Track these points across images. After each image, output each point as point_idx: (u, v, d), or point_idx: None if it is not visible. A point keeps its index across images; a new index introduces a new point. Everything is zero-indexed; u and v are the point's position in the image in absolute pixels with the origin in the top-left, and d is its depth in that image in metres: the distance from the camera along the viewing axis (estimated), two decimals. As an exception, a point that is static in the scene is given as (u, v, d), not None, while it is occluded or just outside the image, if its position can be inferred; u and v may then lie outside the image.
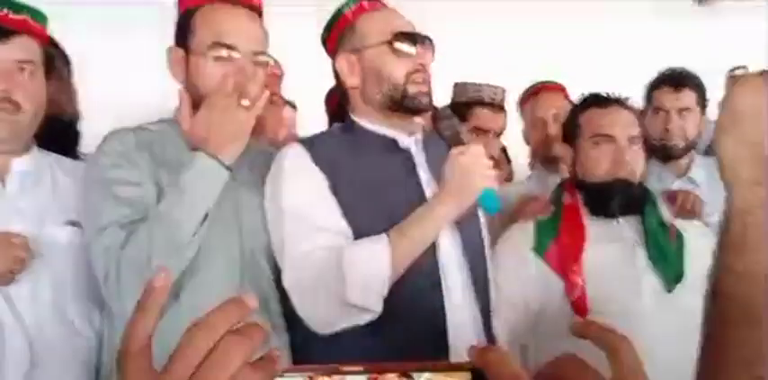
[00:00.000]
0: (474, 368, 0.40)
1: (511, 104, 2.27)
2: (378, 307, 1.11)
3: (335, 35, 1.32)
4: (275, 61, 1.51)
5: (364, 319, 1.12)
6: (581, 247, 1.46)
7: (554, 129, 2.06)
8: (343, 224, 1.18)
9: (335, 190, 1.21)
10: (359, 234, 1.17)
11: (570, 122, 1.58)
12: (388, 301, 1.13)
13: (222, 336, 0.37)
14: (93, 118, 1.68)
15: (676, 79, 1.95)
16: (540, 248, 1.46)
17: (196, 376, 0.36)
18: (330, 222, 1.18)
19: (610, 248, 1.46)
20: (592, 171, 1.49)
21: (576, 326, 0.44)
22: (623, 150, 1.45)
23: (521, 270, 1.47)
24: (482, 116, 2.01)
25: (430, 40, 1.29)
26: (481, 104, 2.02)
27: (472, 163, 1.13)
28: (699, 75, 2.01)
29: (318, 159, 1.22)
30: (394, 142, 1.27)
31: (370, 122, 1.29)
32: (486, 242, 1.39)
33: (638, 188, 1.48)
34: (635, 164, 1.46)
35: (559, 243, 1.47)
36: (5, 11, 1.22)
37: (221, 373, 0.36)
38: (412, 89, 1.23)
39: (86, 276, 1.21)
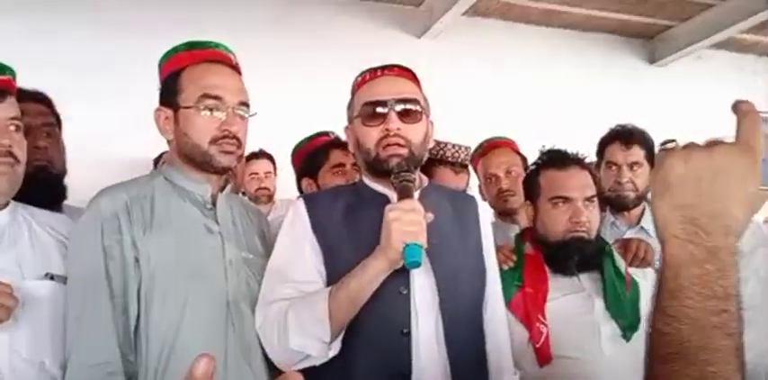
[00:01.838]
0: None
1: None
2: (317, 352, 1.19)
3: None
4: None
5: (313, 361, 1.21)
6: (545, 297, 1.53)
7: (506, 183, 2.19)
8: (314, 277, 1.29)
9: (324, 245, 1.31)
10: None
11: (530, 180, 1.67)
12: (357, 343, 1.22)
13: None
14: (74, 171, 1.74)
15: (626, 136, 2.09)
16: (504, 299, 1.50)
17: None
18: (303, 276, 1.29)
19: (570, 298, 1.54)
20: (552, 230, 1.58)
21: None
22: (580, 211, 1.54)
23: None
24: (442, 175, 2.06)
25: (409, 103, 1.31)
26: (443, 162, 2.08)
27: (396, 218, 1.14)
28: (648, 130, 2.17)
29: (314, 215, 1.34)
30: (386, 198, 1.33)
31: (371, 180, 1.39)
32: (491, 297, 1.40)
33: (594, 244, 1.57)
34: (591, 222, 1.56)
35: (524, 293, 1.55)
36: None
37: None
38: (383, 154, 1.31)
39: (65, 329, 1.23)
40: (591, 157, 2.14)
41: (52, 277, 1.26)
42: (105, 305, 1.21)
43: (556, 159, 1.63)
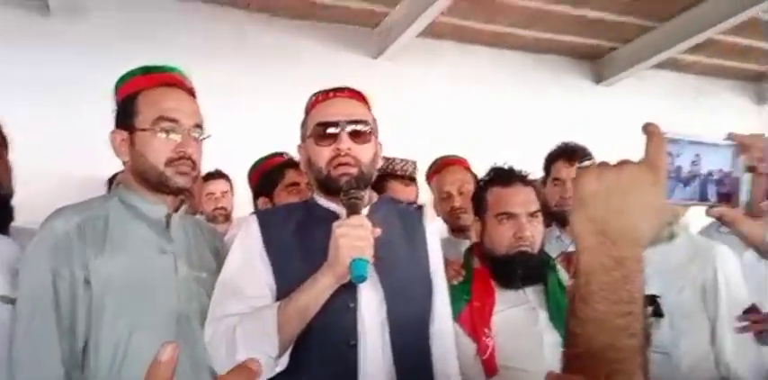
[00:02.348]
0: None
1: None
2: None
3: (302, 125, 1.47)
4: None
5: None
6: (491, 310, 1.59)
7: (458, 201, 2.25)
8: (264, 291, 1.32)
9: (274, 260, 1.34)
10: None
11: (478, 197, 1.74)
12: (305, 355, 1.25)
13: None
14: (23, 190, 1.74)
15: (570, 153, 2.19)
16: (453, 312, 1.54)
17: None
18: (254, 291, 1.31)
19: (515, 311, 1.60)
20: (497, 245, 1.64)
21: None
22: (524, 226, 1.61)
23: None
24: (393, 188, 2.14)
25: (359, 124, 1.37)
26: (393, 176, 2.16)
27: (344, 234, 1.17)
28: (595, 147, 2.28)
29: (266, 232, 1.37)
30: (335, 215, 1.36)
31: (322, 197, 1.43)
32: (439, 309, 1.44)
33: (537, 257, 1.64)
34: (535, 236, 1.63)
35: (471, 307, 1.59)
36: None
37: None
38: (334, 172, 1.35)
39: (10, 348, 1.24)
40: (540, 173, 2.24)
41: (2, 299, 1.27)
42: (51, 325, 1.23)
43: (501, 177, 1.70)
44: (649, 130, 0.70)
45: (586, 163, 2.07)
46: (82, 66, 3.18)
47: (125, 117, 1.39)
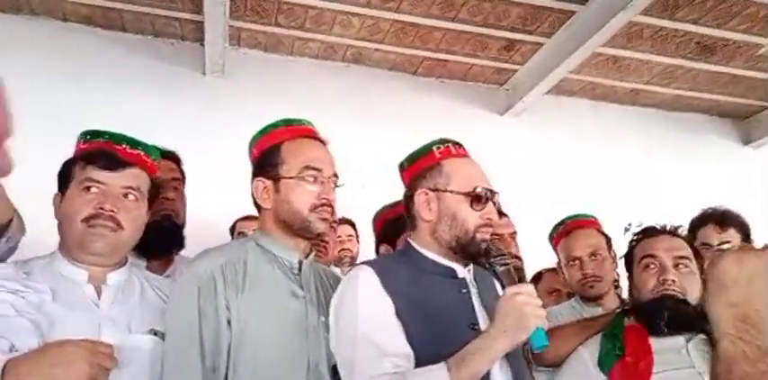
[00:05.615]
0: None
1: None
2: None
3: (418, 168, 1.47)
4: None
5: None
6: (649, 368, 1.47)
7: (591, 267, 2.08)
8: (407, 348, 1.28)
9: (400, 313, 1.31)
10: (418, 355, 1.26)
11: (627, 254, 1.71)
12: None
13: None
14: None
15: (721, 218, 2.05)
16: (604, 365, 1.51)
17: None
18: (396, 348, 1.28)
19: (677, 373, 1.46)
20: (642, 291, 1.58)
21: None
22: (667, 269, 1.55)
23: None
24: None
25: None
26: None
27: (526, 303, 1.22)
28: (743, 210, 2.11)
29: (387, 284, 1.34)
30: (453, 272, 1.39)
31: (433, 252, 1.42)
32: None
33: (689, 306, 1.52)
34: (683, 283, 1.53)
35: (624, 363, 1.51)
36: (124, 145, 1.45)
37: None
38: (479, 236, 1.38)
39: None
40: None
41: (156, 333, 1.36)
42: (196, 364, 1.27)
43: (648, 230, 1.69)
44: None
45: (725, 246, 1.99)
46: (230, 119, 3.46)
47: (269, 166, 1.47)
